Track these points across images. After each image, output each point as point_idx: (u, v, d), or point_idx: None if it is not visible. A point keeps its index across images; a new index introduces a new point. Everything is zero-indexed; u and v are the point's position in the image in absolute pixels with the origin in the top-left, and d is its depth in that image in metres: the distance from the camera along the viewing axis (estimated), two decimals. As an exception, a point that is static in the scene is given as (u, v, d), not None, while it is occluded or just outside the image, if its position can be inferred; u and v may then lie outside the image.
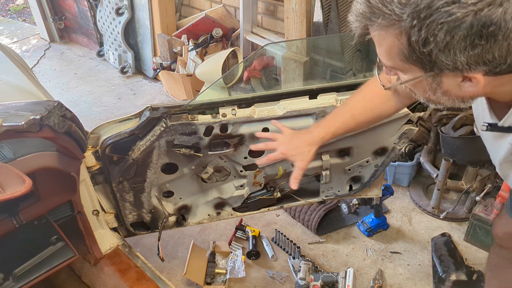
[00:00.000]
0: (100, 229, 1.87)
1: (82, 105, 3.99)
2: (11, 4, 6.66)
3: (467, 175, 2.59)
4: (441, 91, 0.90)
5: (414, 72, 0.88)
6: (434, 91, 0.91)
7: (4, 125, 1.20)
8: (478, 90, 0.87)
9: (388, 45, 0.85)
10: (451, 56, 0.79)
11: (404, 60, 0.86)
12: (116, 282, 1.77)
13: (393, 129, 1.82)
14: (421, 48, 0.80)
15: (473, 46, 0.77)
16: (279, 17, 3.46)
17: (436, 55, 0.80)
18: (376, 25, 0.83)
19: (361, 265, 2.39)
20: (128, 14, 4.11)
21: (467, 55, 0.78)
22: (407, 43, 0.81)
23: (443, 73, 0.85)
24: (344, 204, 2.62)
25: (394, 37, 0.82)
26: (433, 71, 0.85)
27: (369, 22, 0.84)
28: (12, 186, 1.14)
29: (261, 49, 3.38)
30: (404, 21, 0.78)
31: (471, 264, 2.32)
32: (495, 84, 0.86)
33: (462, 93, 0.89)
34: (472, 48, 0.77)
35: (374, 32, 0.86)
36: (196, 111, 1.60)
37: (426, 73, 0.86)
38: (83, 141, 1.53)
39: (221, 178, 1.89)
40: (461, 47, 0.77)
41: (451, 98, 0.92)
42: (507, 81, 0.87)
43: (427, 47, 0.79)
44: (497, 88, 0.89)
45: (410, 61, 0.85)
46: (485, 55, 0.78)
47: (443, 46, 0.78)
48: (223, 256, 2.41)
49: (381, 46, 0.88)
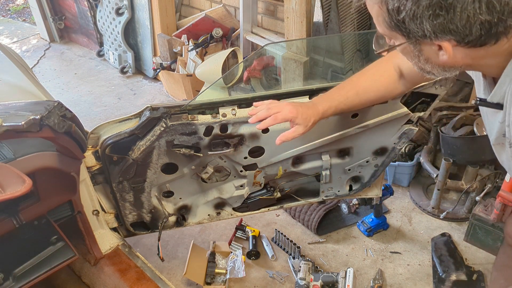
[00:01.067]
0: (100, 229, 1.87)
1: (82, 105, 3.99)
2: (11, 4, 6.66)
3: (467, 175, 2.59)
4: (423, 58, 0.99)
5: (399, 39, 0.97)
6: (418, 58, 0.99)
7: (4, 125, 1.20)
8: (454, 60, 0.94)
9: (375, 14, 0.95)
10: (419, 25, 0.88)
11: (388, 27, 0.95)
12: (116, 282, 1.77)
13: (393, 129, 1.82)
14: (396, 16, 0.90)
15: (436, 16, 0.85)
16: (279, 17, 3.46)
17: (408, 23, 0.89)
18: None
19: (361, 265, 2.39)
20: (128, 14, 4.11)
21: (432, 24, 0.86)
22: (386, 11, 0.91)
23: (421, 41, 0.94)
24: (344, 204, 2.62)
25: (378, 6, 0.92)
26: (411, 38, 0.94)
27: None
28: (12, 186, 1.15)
29: (261, 49, 3.38)
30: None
31: (471, 264, 2.32)
32: (474, 56, 0.93)
33: (441, 62, 0.96)
34: (435, 18, 0.85)
35: (367, 3, 0.97)
36: (196, 111, 1.60)
37: (407, 40, 0.95)
38: (83, 141, 1.53)
39: (221, 178, 1.89)
40: (426, 16, 0.85)
41: (434, 66, 1.00)
42: (485, 54, 0.93)
43: (400, 15, 0.88)
44: (479, 61, 0.96)
45: (392, 28, 0.94)
46: (448, 25, 0.85)
47: (411, 14, 0.87)
48: (223, 256, 2.41)
49: (372, 15, 0.98)
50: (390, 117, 1.75)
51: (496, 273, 1.88)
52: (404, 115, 1.76)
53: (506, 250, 1.79)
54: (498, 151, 1.18)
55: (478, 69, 1.04)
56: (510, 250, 1.75)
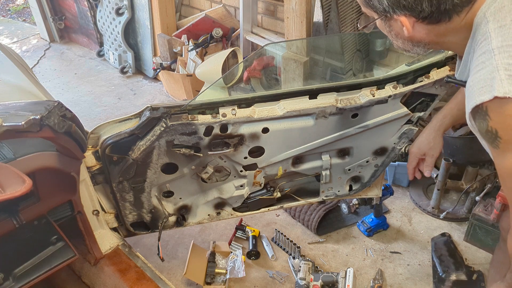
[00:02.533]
0: (100, 229, 1.87)
1: (82, 105, 3.99)
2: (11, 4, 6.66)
3: (467, 175, 2.58)
4: (393, 34, 1.11)
5: (373, 15, 1.10)
6: (390, 33, 1.13)
7: (4, 125, 1.20)
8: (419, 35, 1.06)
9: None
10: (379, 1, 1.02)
11: (364, 5, 1.10)
12: (116, 282, 1.77)
13: (393, 129, 1.82)
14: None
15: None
16: (279, 17, 3.46)
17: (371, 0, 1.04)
18: None
19: (361, 265, 2.39)
20: (128, 14, 4.11)
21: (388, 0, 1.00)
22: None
23: (387, 17, 1.06)
24: (344, 204, 2.62)
25: None
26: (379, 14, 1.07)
27: None
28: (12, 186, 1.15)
29: (261, 49, 3.38)
30: None
31: (471, 264, 2.32)
32: (436, 33, 1.04)
33: (407, 36, 1.08)
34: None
35: None
36: (196, 111, 1.60)
37: (378, 16, 1.08)
38: (83, 141, 1.53)
39: (221, 178, 1.89)
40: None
41: (404, 41, 1.12)
42: (445, 31, 1.04)
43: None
44: (442, 38, 1.06)
45: (365, 5, 1.10)
46: (401, 1, 0.99)
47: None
48: (223, 256, 2.41)
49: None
50: (390, 117, 1.75)
51: (493, 270, 1.88)
52: (404, 115, 1.76)
53: (501, 246, 1.79)
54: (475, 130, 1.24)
55: (445, 46, 1.15)
56: (505, 246, 1.75)
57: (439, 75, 1.67)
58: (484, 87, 0.93)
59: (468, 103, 0.98)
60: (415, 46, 1.11)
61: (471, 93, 0.97)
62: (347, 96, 1.68)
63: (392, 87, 1.68)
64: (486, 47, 0.96)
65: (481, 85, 0.94)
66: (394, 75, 1.69)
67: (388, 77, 1.69)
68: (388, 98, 1.68)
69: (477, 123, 0.99)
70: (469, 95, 0.98)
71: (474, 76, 0.98)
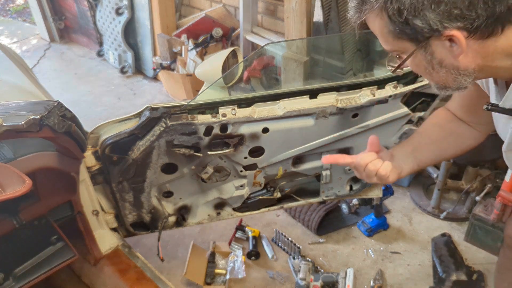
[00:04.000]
0: (100, 229, 1.87)
1: (82, 105, 3.99)
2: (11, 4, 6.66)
3: (467, 175, 2.58)
4: (436, 62, 0.95)
5: (408, 48, 0.94)
6: (432, 64, 0.96)
7: (4, 125, 1.20)
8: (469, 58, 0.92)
9: (379, 29, 0.94)
10: (423, 18, 0.86)
11: (395, 37, 0.93)
12: (116, 282, 1.77)
13: (394, 129, 1.82)
14: (398, 19, 0.88)
15: (437, 3, 0.84)
16: (279, 17, 3.46)
17: (412, 21, 0.87)
18: (364, 12, 0.92)
19: (361, 265, 2.39)
20: (128, 14, 4.11)
21: (435, 13, 0.85)
22: (388, 19, 0.90)
23: (430, 41, 0.91)
24: (344, 204, 2.62)
25: (379, 18, 0.91)
26: (420, 41, 0.91)
27: (359, 14, 0.94)
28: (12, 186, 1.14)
29: (261, 49, 3.38)
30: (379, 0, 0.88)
31: (471, 264, 2.32)
32: (484, 53, 0.91)
33: (455, 61, 0.93)
34: (437, 6, 0.84)
35: (368, 20, 0.95)
36: (196, 111, 1.60)
37: (416, 45, 0.92)
38: (83, 141, 1.53)
39: (221, 178, 1.89)
40: (427, 7, 0.85)
41: (448, 70, 0.96)
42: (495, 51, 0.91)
43: (402, 16, 0.87)
44: (490, 61, 0.93)
45: (398, 36, 0.92)
46: (452, 10, 0.84)
47: (413, 10, 0.86)
48: (223, 256, 2.40)
49: (375, 31, 0.96)
50: (391, 117, 1.75)
51: (500, 276, 1.87)
52: (404, 115, 1.76)
53: (506, 252, 1.78)
54: (509, 158, 1.16)
55: (490, 73, 1.01)
56: (510, 253, 1.75)
57: (439, 75, 1.66)
58: None
59: None
60: (460, 75, 0.96)
61: None
62: (347, 96, 1.68)
63: (392, 87, 1.68)
64: None
65: None
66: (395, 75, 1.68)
67: (389, 77, 1.69)
68: (389, 98, 1.68)
69: None
70: None
71: None
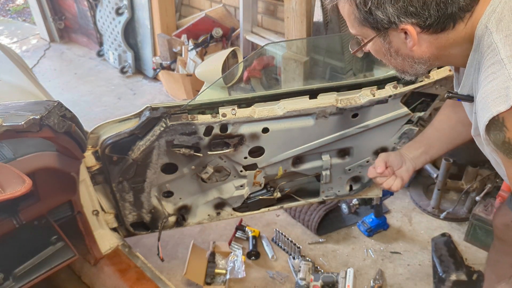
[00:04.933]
0: (100, 229, 1.87)
1: (82, 105, 3.99)
2: (11, 4, 6.66)
3: (467, 175, 2.58)
4: (393, 50, 1.05)
5: (369, 35, 1.05)
6: (389, 52, 1.06)
7: (4, 125, 1.20)
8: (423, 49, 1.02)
9: (347, 13, 1.04)
10: (384, 10, 0.96)
11: (360, 24, 1.03)
12: (116, 282, 1.77)
13: (394, 129, 1.82)
14: (363, 8, 0.98)
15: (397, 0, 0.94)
16: (279, 17, 3.46)
17: (374, 12, 0.97)
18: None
19: (361, 265, 2.39)
20: (128, 14, 4.11)
21: (394, 7, 0.95)
22: (355, 6, 1.00)
23: (388, 32, 1.01)
24: (344, 204, 2.62)
25: (348, 4, 1.01)
26: (380, 30, 1.01)
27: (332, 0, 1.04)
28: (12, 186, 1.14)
29: (261, 49, 3.38)
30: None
31: (471, 264, 2.32)
32: (438, 45, 1.01)
33: (410, 52, 1.03)
34: (396, 1, 0.94)
35: (339, 4, 1.04)
36: (196, 111, 1.60)
37: (377, 33, 1.03)
38: (83, 141, 1.53)
39: (221, 178, 1.89)
40: (388, 1, 0.94)
41: (404, 59, 1.06)
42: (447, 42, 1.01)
43: (367, 5, 0.97)
44: (443, 51, 1.03)
45: (362, 23, 1.02)
46: (408, 7, 0.94)
47: (376, 2, 0.95)
48: (223, 256, 2.40)
49: (345, 16, 1.06)
50: (390, 117, 1.75)
51: (488, 269, 1.88)
52: (404, 115, 1.76)
53: (495, 245, 1.79)
54: (479, 142, 1.20)
55: (445, 61, 1.09)
56: (499, 245, 1.75)
57: (439, 75, 1.67)
58: (498, 97, 0.90)
59: (482, 116, 0.95)
60: (416, 63, 1.06)
61: (484, 105, 0.94)
62: (347, 96, 1.68)
63: (392, 87, 1.68)
64: (495, 58, 0.93)
65: (495, 96, 0.91)
66: (394, 75, 1.68)
67: (388, 77, 1.69)
68: (388, 98, 1.68)
69: (493, 135, 0.96)
70: (483, 108, 0.94)
71: (485, 88, 0.95)
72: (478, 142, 1.22)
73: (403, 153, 1.55)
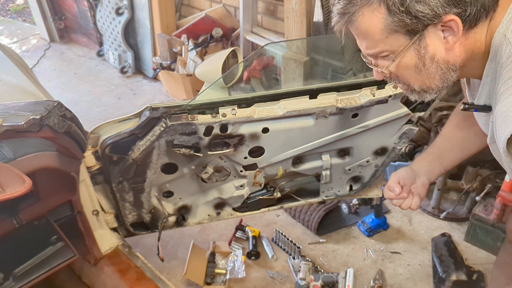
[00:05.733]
0: (100, 229, 1.87)
1: (82, 105, 3.99)
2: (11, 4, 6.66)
3: (467, 175, 2.58)
4: (429, 56, 0.97)
5: (401, 44, 0.96)
6: (424, 60, 0.97)
7: (4, 125, 1.20)
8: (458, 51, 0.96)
9: (371, 27, 0.95)
10: (426, 3, 0.88)
11: (389, 33, 0.94)
12: (116, 282, 1.77)
13: (393, 129, 1.81)
14: (399, 7, 0.90)
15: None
16: (279, 17, 3.46)
17: (415, 8, 0.89)
18: (358, 12, 0.94)
19: (361, 265, 2.39)
20: (128, 14, 4.11)
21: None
22: (386, 11, 0.91)
23: (426, 32, 0.93)
24: (344, 204, 2.62)
25: (374, 14, 0.92)
26: (416, 32, 0.93)
27: (349, 16, 0.95)
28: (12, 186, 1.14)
29: (261, 49, 3.38)
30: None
31: (471, 264, 2.32)
32: (466, 46, 0.96)
33: (446, 54, 0.96)
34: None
35: (356, 21, 0.96)
36: (196, 111, 1.60)
37: (411, 38, 0.94)
38: (83, 141, 1.53)
39: (221, 178, 1.89)
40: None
41: (439, 67, 0.98)
42: (474, 45, 0.96)
43: (404, 4, 0.89)
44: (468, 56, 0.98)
45: (394, 29, 0.93)
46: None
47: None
48: (223, 256, 2.40)
49: (364, 33, 0.97)
50: (390, 117, 1.75)
51: (497, 270, 1.87)
52: (404, 115, 1.76)
53: (507, 247, 1.78)
54: (495, 150, 1.18)
55: (465, 72, 1.05)
56: (511, 247, 1.75)
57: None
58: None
59: (503, 129, 0.91)
60: (450, 69, 0.99)
61: (505, 119, 0.90)
62: (347, 96, 1.68)
63: (392, 87, 1.67)
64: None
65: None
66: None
67: (388, 77, 1.69)
68: (388, 98, 1.68)
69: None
70: (504, 121, 0.91)
71: (506, 100, 0.91)
72: (493, 150, 1.18)
73: (415, 168, 1.46)
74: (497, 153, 1.18)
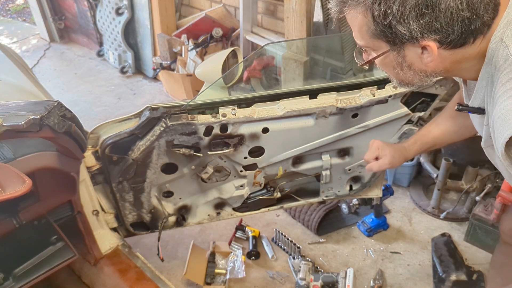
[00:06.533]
0: (100, 229, 1.87)
1: (82, 105, 3.99)
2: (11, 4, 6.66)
3: (467, 175, 2.58)
4: (406, 64, 1.01)
5: (382, 48, 1.00)
6: (401, 66, 1.01)
7: (4, 125, 1.20)
8: (437, 63, 0.97)
9: (358, 24, 0.98)
10: (406, 26, 0.91)
11: (372, 36, 0.98)
12: (116, 282, 1.77)
13: (394, 129, 1.82)
14: (382, 21, 0.92)
15: (422, 15, 0.88)
16: (279, 17, 3.46)
17: (395, 26, 0.91)
18: (348, 6, 0.97)
19: (361, 265, 2.39)
20: (128, 14, 4.11)
21: (419, 23, 0.90)
22: (371, 18, 0.94)
23: (405, 46, 0.96)
24: (344, 204, 2.62)
25: (362, 15, 0.95)
26: (396, 44, 0.96)
27: (343, 6, 0.99)
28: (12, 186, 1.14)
29: (261, 49, 3.38)
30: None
31: (471, 264, 2.32)
32: (452, 60, 0.97)
33: (424, 66, 0.99)
34: (422, 17, 0.89)
35: (348, 14, 0.99)
36: (196, 111, 1.60)
37: (391, 47, 0.98)
38: (83, 141, 1.53)
39: (221, 178, 1.89)
40: (413, 16, 0.89)
41: (416, 73, 1.02)
42: (462, 57, 0.97)
43: (387, 19, 0.91)
44: (456, 65, 1.00)
45: (377, 36, 0.97)
46: (433, 23, 0.89)
47: (398, 16, 0.90)
48: (223, 256, 2.40)
49: (354, 26, 1.00)
50: (390, 117, 1.75)
51: (493, 271, 1.88)
52: (404, 115, 1.76)
53: (501, 248, 1.79)
54: (490, 154, 1.18)
55: (456, 74, 1.07)
56: (505, 248, 1.75)
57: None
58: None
59: (502, 132, 0.91)
60: (427, 76, 1.02)
61: (504, 122, 0.90)
62: (347, 96, 1.68)
63: (392, 87, 1.68)
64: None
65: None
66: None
67: (389, 77, 1.69)
68: (388, 98, 1.68)
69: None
70: (502, 124, 0.91)
71: (504, 103, 0.91)
72: (487, 153, 1.19)
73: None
74: (492, 157, 1.18)
